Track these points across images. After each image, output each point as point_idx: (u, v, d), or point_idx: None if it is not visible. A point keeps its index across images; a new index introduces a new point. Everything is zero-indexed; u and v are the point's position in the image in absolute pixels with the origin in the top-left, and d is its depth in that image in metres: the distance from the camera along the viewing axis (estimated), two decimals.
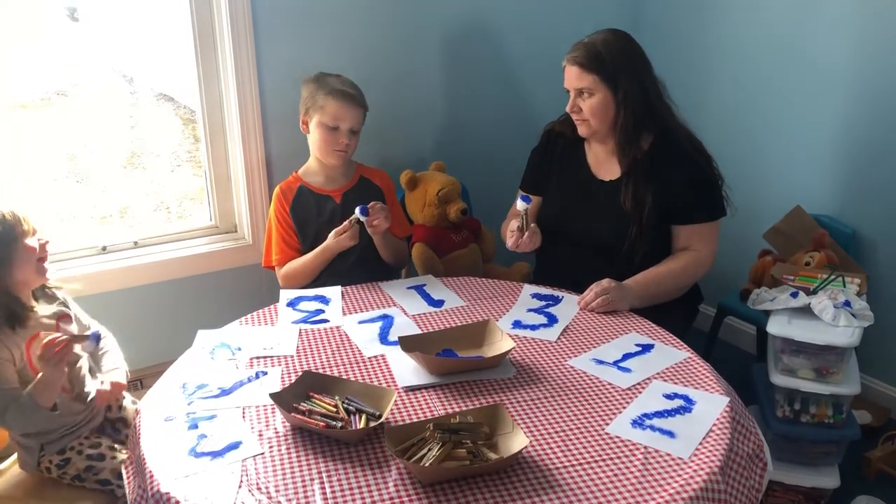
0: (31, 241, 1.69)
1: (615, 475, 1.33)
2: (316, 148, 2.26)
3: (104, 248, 2.50)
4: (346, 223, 2.14)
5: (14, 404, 1.62)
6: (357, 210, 2.11)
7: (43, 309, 1.75)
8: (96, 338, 1.70)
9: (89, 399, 1.78)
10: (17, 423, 1.67)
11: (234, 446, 1.42)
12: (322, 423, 1.44)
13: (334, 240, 2.16)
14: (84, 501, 1.74)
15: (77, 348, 1.68)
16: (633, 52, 2.08)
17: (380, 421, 1.45)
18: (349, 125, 2.21)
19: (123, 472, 1.55)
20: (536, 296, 2.04)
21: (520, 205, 2.07)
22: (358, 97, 2.23)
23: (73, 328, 1.79)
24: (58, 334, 1.62)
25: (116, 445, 1.80)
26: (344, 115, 2.19)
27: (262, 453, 1.40)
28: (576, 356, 1.73)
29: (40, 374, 1.62)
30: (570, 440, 1.43)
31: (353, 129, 2.22)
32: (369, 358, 1.74)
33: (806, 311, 2.04)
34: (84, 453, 1.75)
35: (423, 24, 2.76)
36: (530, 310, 1.96)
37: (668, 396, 1.57)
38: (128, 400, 1.93)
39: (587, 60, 2.04)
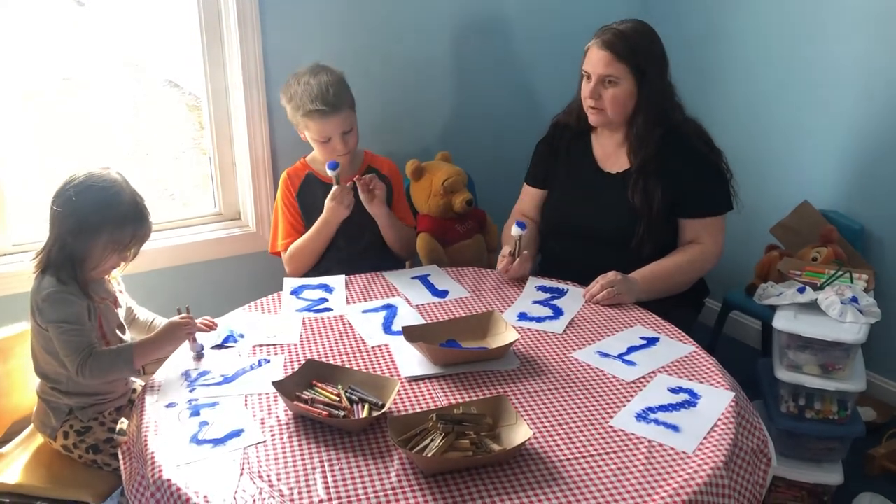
0: (135, 252, 1.77)
1: (619, 469, 1.32)
2: (320, 157, 2.25)
3: None
4: (335, 187, 2.13)
5: (100, 350, 1.68)
6: (328, 165, 2.12)
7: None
8: (201, 348, 1.75)
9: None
10: (99, 368, 1.67)
11: (236, 434, 1.42)
12: (325, 412, 1.43)
13: (330, 210, 2.15)
14: (99, 482, 1.75)
15: (187, 343, 1.74)
16: (659, 48, 2.06)
17: (383, 411, 1.45)
18: (339, 130, 2.16)
19: (120, 456, 1.55)
20: (542, 288, 2.03)
21: (514, 230, 2.04)
22: (336, 103, 2.13)
23: (123, 303, 1.88)
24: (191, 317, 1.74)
25: None
26: (329, 129, 2.15)
27: (264, 441, 1.40)
28: (580, 349, 1.73)
29: (154, 336, 1.73)
30: (574, 433, 1.42)
31: (344, 131, 2.18)
32: (373, 347, 1.74)
33: (812, 307, 2.02)
34: (106, 425, 1.78)
35: (431, 14, 2.74)
36: (535, 302, 1.96)
37: (673, 390, 1.56)
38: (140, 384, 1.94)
39: (621, 48, 1.99)
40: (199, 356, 1.72)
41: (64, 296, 1.66)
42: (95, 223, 1.68)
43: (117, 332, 1.81)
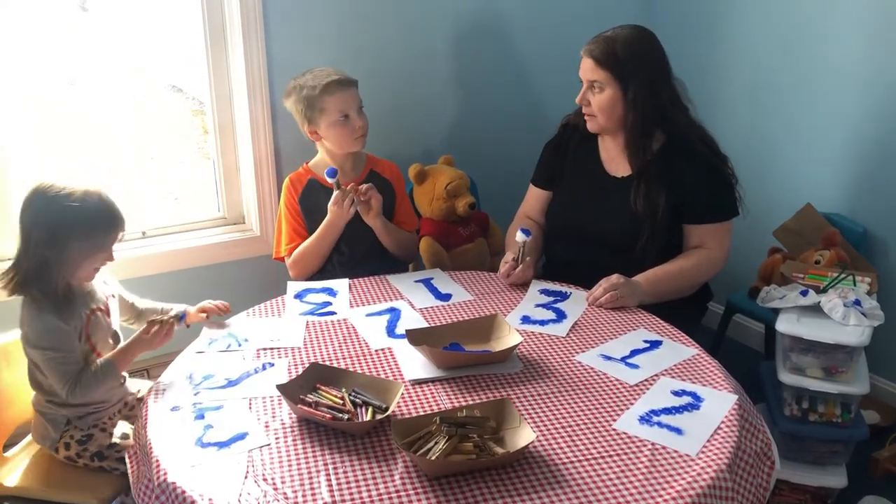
0: (112, 252, 1.76)
1: (622, 471, 1.32)
2: (336, 146, 2.24)
3: None
4: (336, 193, 2.15)
5: (85, 372, 1.69)
6: (326, 173, 2.14)
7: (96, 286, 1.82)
8: (184, 316, 1.82)
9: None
10: (88, 390, 1.69)
11: (241, 437, 1.42)
12: (328, 415, 1.44)
13: (334, 213, 2.16)
14: (103, 486, 1.75)
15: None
16: (651, 54, 2.05)
17: (386, 414, 1.45)
18: (356, 105, 2.21)
19: (127, 460, 1.55)
20: (545, 291, 2.04)
21: (519, 236, 2.05)
22: (347, 77, 2.22)
23: (114, 308, 1.86)
24: (165, 318, 1.74)
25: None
26: (348, 101, 2.19)
27: (269, 444, 1.40)
28: (583, 352, 1.73)
29: (128, 343, 1.74)
30: (578, 436, 1.42)
31: (360, 106, 2.23)
32: (376, 350, 1.74)
33: (815, 310, 2.02)
34: (108, 431, 1.77)
35: (434, 17, 2.75)
36: (538, 305, 1.96)
37: (676, 393, 1.56)
38: (145, 388, 1.94)
39: (602, 56, 2.02)
40: (182, 320, 1.81)
41: (46, 323, 1.66)
42: (65, 233, 1.64)
43: (110, 341, 1.80)
